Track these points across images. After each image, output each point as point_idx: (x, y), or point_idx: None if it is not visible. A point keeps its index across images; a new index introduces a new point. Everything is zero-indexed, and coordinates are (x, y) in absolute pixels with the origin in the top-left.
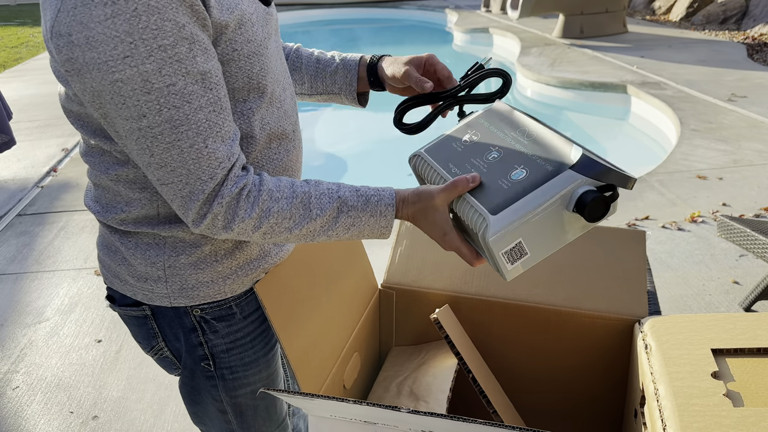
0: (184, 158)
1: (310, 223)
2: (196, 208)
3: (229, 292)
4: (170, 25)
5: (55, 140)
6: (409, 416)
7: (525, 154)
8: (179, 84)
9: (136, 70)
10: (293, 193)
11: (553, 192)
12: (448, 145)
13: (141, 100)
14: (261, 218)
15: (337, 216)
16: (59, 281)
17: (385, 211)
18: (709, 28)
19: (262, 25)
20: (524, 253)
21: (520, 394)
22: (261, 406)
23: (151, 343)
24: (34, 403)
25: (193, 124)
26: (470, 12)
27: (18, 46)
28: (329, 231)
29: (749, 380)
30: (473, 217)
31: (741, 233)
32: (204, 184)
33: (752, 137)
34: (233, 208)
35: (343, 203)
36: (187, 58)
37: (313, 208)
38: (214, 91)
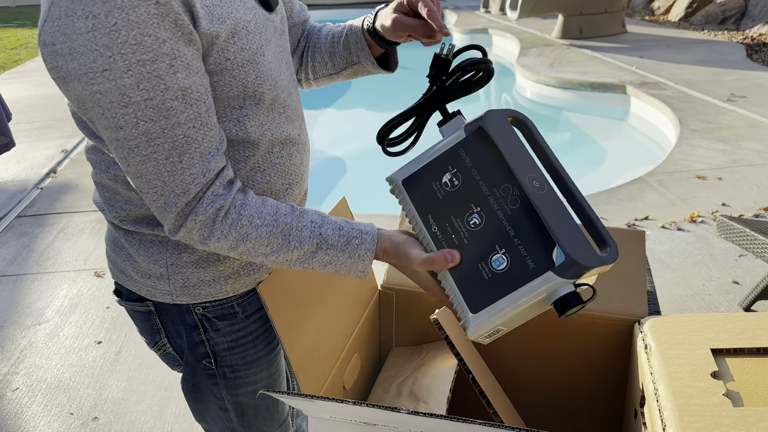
0: (160, 170)
1: (287, 253)
2: (171, 218)
3: (231, 292)
4: (150, 40)
5: (55, 142)
6: (408, 417)
7: (507, 235)
8: (157, 99)
9: (114, 83)
10: (275, 221)
11: (533, 292)
12: (426, 182)
13: (118, 113)
14: (237, 241)
15: (315, 251)
16: (59, 283)
17: (363, 255)
18: (708, 29)
19: (260, 32)
20: (499, 331)
21: (521, 394)
22: (262, 406)
23: (155, 339)
24: (34, 404)
25: (169, 138)
26: (469, 13)
27: (17, 47)
28: (305, 263)
29: (749, 380)
30: (454, 301)
31: (740, 233)
32: (177, 197)
33: (751, 137)
34: (208, 227)
35: (323, 240)
36: (166, 74)
37: (292, 239)
38: (194, 107)
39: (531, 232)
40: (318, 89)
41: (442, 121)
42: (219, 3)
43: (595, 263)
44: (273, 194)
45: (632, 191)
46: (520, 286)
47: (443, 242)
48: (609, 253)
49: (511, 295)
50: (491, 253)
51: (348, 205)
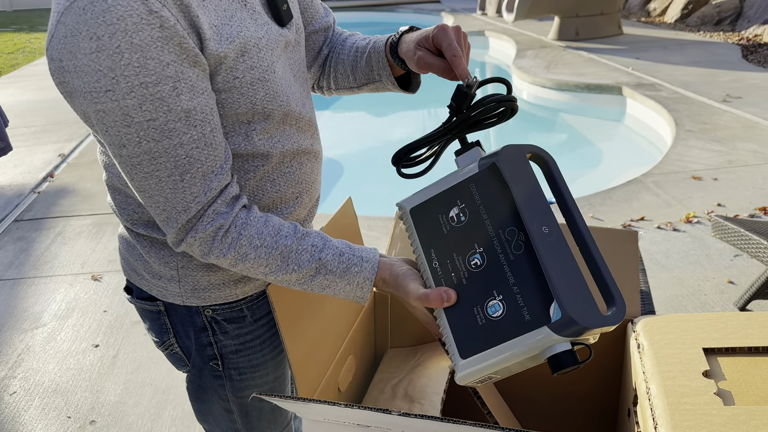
0: (162, 187)
1: (285, 275)
2: (172, 232)
3: (241, 295)
4: (153, 63)
5: (52, 146)
6: (400, 419)
7: (506, 281)
8: (160, 120)
9: (117, 104)
10: (275, 243)
11: (525, 346)
12: (433, 214)
13: (121, 132)
14: (237, 260)
15: (314, 275)
16: (56, 286)
17: (362, 283)
18: (704, 30)
19: (271, 49)
20: (490, 378)
21: (515, 394)
22: (266, 408)
23: (163, 338)
24: (32, 408)
25: (171, 157)
26: (466, 15)
27: (14, 52)
28: (304, 285)
29: (740, 379)
30: (447, 342)
31: (735, 233)
32: (178, 214)
33: (747, 138)
34: (207, 245)
35: (322, 265)
36: (170, 96)
37: (291, 263)
38: (198, 129)
39: (532, 281)
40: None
41: (459, 151)
42: (228, 22)
43: (596, 324)
44: (283, 203)
45: (628, 192)
46: (513, 337)
47: (442, 279)
48: (614, 313)
49: (503, 346)
50: (488, 298)
51: (353, 205)
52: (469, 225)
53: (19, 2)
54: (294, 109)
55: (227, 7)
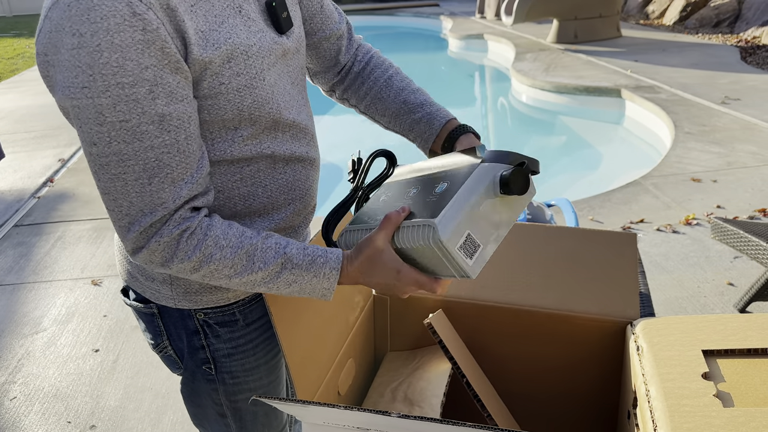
0: (128, 191)
1: (251, 274)
2: (133, 238)
3: (233, 299)
4: (132, 65)
5: (52, 151)
6: (399, 421)
7: (441, 174)
8: (133, 121)
9: (92, 101)
10: (240, 243)
11: (477, 185)
12: (368, 211)
13: (93, 130)
14: (201, 262)
15: (280, 271)
16: (56, 291)
17: (329, 273)
18: (703, 32)
19: (262, 56)
20: (477, 246)
21: (515, 397)
22: (260, 412)
23: (157, 341)
24: (32, 413)
25: (140, 160)
26: (465, 18)
27: (14, 57)
28: (269, 284)
29: (739, 381)
30: (419, 234)
31: (734, 235)
32: (143, 217)
33: (746, 139)
34: (172, 249)
35: (287, 260)
36: (145, 99)
37: (256, 260)
38: (171, 134)
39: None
40: (314, 96)
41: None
42: (218, 28)
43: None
44: (275, 209)
45: (627, 194)
46: (462, 185)
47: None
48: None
49: (459, 193)
50: (433, 188)
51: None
52: (399, 187)
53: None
54: (286, 116)
55: (219, 13)
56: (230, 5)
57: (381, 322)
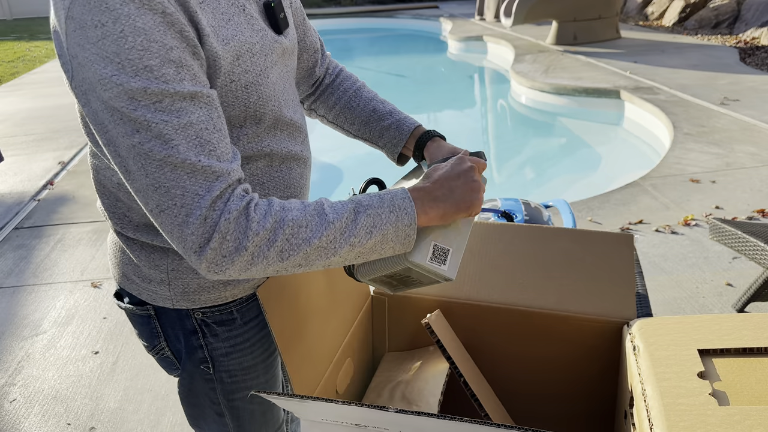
0: (178, 174)
1: (327, 228)
2: (197, 232)
3: (230, 297)
4: (157, 46)
5: (52, 153)
6: (397, 416)
7: None
8: (166, 101)
9: (122, 88)
10: (304, 205)
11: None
12: None
13: (131, 118)
14: (275, 229)
15: (355, 218)
16: (56, 294)
17: (402, 204)
18: (702, 33)
19: (265, 54)
20: (445, 251)
21: (512, 397)
22: (258, 411)
23: (153, 343)
24: (32, 415)
25: (183, 138)
26: (464, 20)
27: (14, 60)
28: (351, 237)
29: (735, 379)
30: (394, 260)
31: (732, 235)
32: (202, 199)
33: (744, 140)
34: (243, 223)
35: (358, 204)
36: (174, 80)
37: (327, 212)
38: (204, 110)
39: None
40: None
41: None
42: (225, 25)
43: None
44: None
45: (626, 195)
46: None
47: None
48: None
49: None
50: None
51: None
52: None
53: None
54: (285, 114)
55: (225, 11)
56: (234, 3)
57: (379, 323)
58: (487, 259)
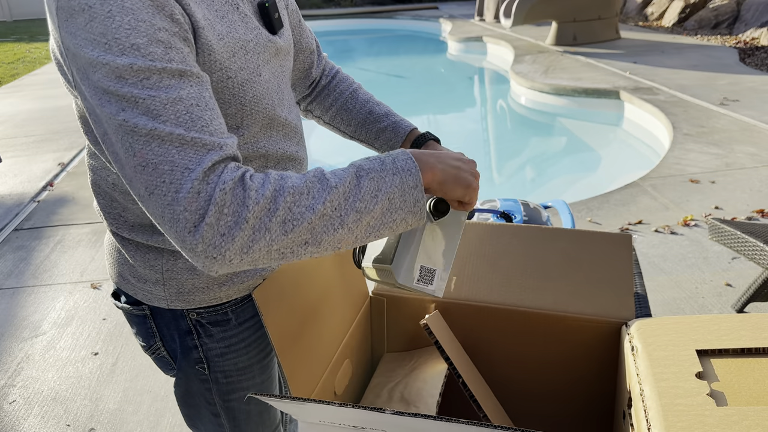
0: (166, 149)
1: (331, 193)
2: (189, 207)
3: (225, 298)
4: (144, 26)
5: (52, 155)
6: (394, 418)
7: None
8: (153, 78)
9: (109, 66)
10: (303, 174)
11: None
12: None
13: (118, 95)
14: (276, 197)
15: (358, 182)
16: (56, 295)
17: (405, 165)
18: (702, 33)
19: (258, 52)
20: (431, 271)
21: (511, 398)
22: (254, 411)
23: (149, 342)
24: (31, 416)
25: (171, 113)
26: (464, 21)
27: (14, 61)
28: (356, 202)
29: (733, 380)
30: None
31: (732, 236)
32: (192, 172)
33: (744, 140)
34: (240, 193)
35: (359, 168)
36: (161, 59)
37: (329, 177)
38: (194, 88)
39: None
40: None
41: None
42: (219, 20)
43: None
44: None
45: (626, 196)
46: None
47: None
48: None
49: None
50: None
51: None
52: None
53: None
54: (280, 114)
55: (219, 8)
56: (228, 2)
57: (378, 323)
58: (486, 260)
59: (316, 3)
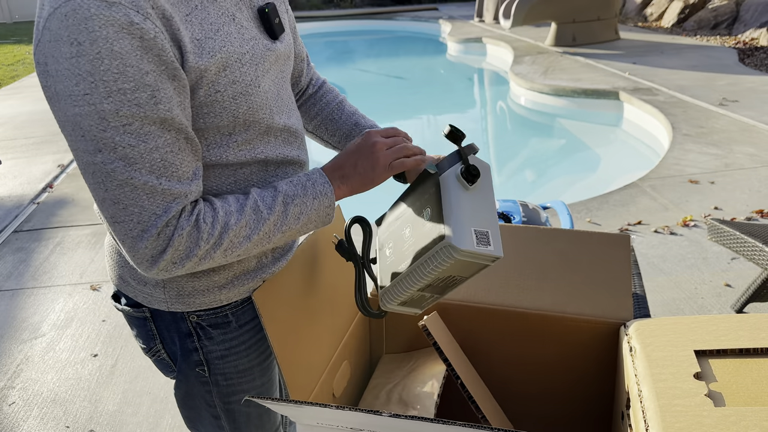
0: (137, 195)
1: (264, 224)
2: (149, 246)
3: (225, 301)
4: (132, 71)
5: (51, 156)
6: (391, 420)
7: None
8: (135, 125)
9: (94, 108)
10: (240, 204)
11: (451, 193)
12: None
13: (97, 137)
14: (222, 234)
15: (285, 209)
16: (55, 296)
17: (323, 189)
18: (701, 34)
19: (256, 63)
20: (485, 233)
21: (509, 399)
22: (254, 414)
23: (150, 345)
24: (30, 418)
25: (147, 162)
26: (463, 22)
27: (14, 63)
28: (282, 227)
29: (731, 380)
30: (440, 259)
31: (730, 236)
32: (158, 218)
33: (743, 141)
34: (195, 236)
35: (286, 196)
36: (147, 104)
37: (263, 209)
38: (172, 134)
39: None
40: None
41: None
42: (213, 36)
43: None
44: None
45: (625, 196)
46: (442, 200)
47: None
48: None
49: (444, 207)
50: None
51: (342, 213)
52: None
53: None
54: (278, 121)
55: (214, 21)
56: (224, 13)
57: (376, 325)
58: None
59: (316, 4)
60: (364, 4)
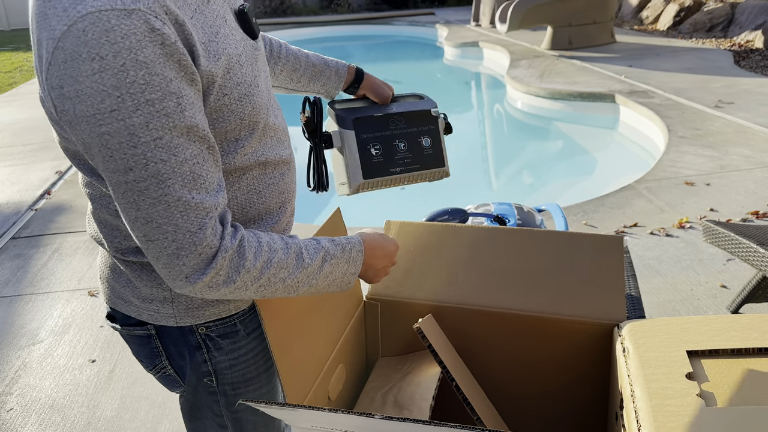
0: (171, 212)
1: (300, 272)
2: (189, 263)
3: (234, 309)
4: (158, 79)
5: (49, 163)
6: (384, 423)
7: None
8: (166, 138)
9: (123, 123)
10: (286, 244)
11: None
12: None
13: (128, 154)
14: (263, 269)
15: (322, 265)
16: (53, 303)
17: (356, 257)
18: (696, 36)
19: (251, 63)
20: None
21: (505, 400)
22: (260, 421)
23: (154, 362)
24: (28, 424)
25: (178, 177)
26: (460, 26)
27: (12, 70)
28: (312, 280)
29: (723, 380)
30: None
31: (726, 237)
32: (194, 236)
33: (739, 143)
34: (237, 261)
35: (327, 252)
36: (174, 113)
37: (305, 257)
38: (198, 144)
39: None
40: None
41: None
42: (214, 39)
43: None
44: (268, 214)
45: (621, 199)
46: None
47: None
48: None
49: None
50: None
51: (341, 216)
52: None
53: (17, 21)
54: (272, 120)
55: (212, 24)
56: (218, 15)
57: (372, 328)
58: (479, 263)
59: (313, 9)
60: (361, 9)
